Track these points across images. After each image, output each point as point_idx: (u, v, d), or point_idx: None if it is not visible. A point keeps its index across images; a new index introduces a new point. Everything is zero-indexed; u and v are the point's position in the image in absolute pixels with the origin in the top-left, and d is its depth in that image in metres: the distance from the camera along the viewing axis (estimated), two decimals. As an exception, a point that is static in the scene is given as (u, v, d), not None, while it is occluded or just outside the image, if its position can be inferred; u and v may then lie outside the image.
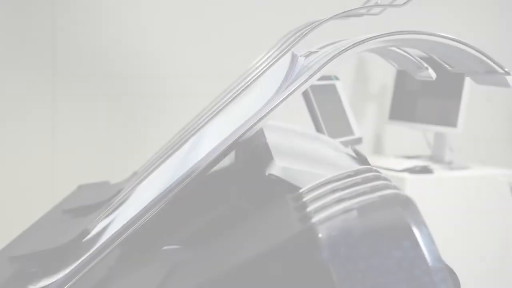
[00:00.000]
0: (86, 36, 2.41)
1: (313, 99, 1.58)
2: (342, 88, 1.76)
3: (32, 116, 2.37)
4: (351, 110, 1.74)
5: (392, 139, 3.01)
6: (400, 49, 1.24)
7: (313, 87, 1.61)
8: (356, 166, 0.82)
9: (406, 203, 0.62)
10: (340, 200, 0.66)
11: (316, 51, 1.10)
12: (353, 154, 1.25)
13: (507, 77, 0.90)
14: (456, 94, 2.56)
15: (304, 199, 0.71)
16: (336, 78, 1.76)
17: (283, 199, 0.77)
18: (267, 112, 0.84)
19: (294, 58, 0.86)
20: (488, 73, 0.93)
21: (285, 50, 0.92)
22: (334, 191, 0.70)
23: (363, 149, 2.95)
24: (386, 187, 0.66)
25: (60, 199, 1.39)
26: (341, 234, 0.62)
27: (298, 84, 0.83)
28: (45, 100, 2.36)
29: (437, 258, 0.62)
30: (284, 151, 0.99)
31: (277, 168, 0.85)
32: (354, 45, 0.85)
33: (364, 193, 0.65)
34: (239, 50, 2.52)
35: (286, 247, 0.63)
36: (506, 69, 0.87)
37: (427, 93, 2.71)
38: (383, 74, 2.92)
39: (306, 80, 0.83)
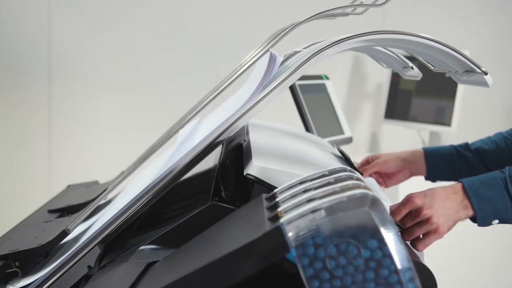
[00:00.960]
0: (82, 37, 2.41)
1: (302, 98, 1.57)
2: (333, 87, 1.75)
3: (28, 115, 2.37)
4: (341, 109, 1.73)
5: (388, 138, 3.01)
6: (386, 49, 1.24)
7: (302, 86, 1.61)
8: (335, 165, 0.82)
9: (374, 204, 0.62)
10: (310, 200, 0.66)
11: (300, 51, 1.11)
12: (338, 154, 1.26)
13: (486, 77, 0.90)
14: (451, 94, 2.55)
15: (277, 199, 0.72)
16: (326, 78, 1.75)
17: (259, 199, 0.77)
18: (242, 114, 0.84)
19: (272, 58, 0.86)
20: (468, 73, 0.94)
21: (264, 50, 0.92)
22: (306, 190, 0.70)
23: (359, 148, 2.96)
24: (356, 187, 0.66)
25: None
26: (309, 234, 0.62)
27: (274, 85, 0.83)
28: (41, 99, 2.37)
29: (405, 257, 0.62)
30: (266, 151, 0.99)
31: (255, 168, 0.86)
32: (331, 45, 0.85)
33: (334, 192, 0.65)
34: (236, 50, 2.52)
35: (256, 246, 0.63)
36: (483, 69, 0.88)
37: (422, 93, 2.71)
38: (379, 74, 2.92)
39: (282, 82, 0.83)
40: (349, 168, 0.76)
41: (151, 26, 2.50)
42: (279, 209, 0.67)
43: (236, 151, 1.09)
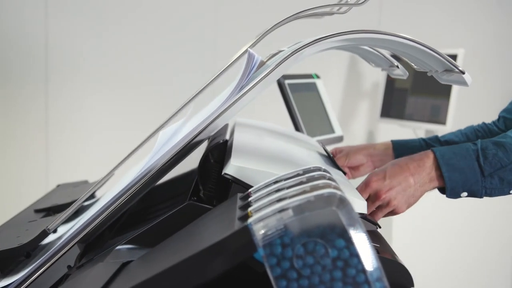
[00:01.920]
0: (79, 35, 2.42)
1: (291, 97, 1.57)
2: (324, 86, 1.75)
3: (25, 114, 2.38)
4: (332, 108, 1.73)
5: (384, 136, 3.00)
6: (372, 48, 1.24)
7: (292, 85, 1.60)
8: (312, 164, 0.82)
9: (341, 203, 0.62)
10: (280, 199, 0.66)
11: (284, 50, 1.11)
12: (324, 153, 1.26)
13: (464, 76, 0.90)
14: (446, 92, 2.55)
15: (250, 198, 0.72)
16: (317, 76, 1.75)
17: (234, 198, 0.77)
18: (219, 114, 0.84)
19: (250, 58, 0.86)
20: (447, 72, 0.94)
21: (244, 50, 0.92)
22: (278, 190, 0.71)
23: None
24: (326, 186, 0.66)
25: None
26: (276, 233, 0.62)
27: (251, 86, 0.83)
28: (38, 98, 2.38)
29: (373, 257, 0.62)
30: (247, 151, 1.00)
31: (232, 167, 0.86)
32: (307, 45, 0.85)
33: (303, 192, 0.66)
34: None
35: (224, 245, 0.63)
36: (460, 68, 0.87)
37: (417, 91, 2.70)
38: (375, 73, 2.92)
39: (259, 82, 0.83)
40: (323, 167, 0.76)
41: (149, 25, 2.50)
42: (250, 209, 0.67)
43: (221, 150, 1.09)
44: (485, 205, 2.38)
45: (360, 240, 0.62)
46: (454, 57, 2.50)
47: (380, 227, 0.90)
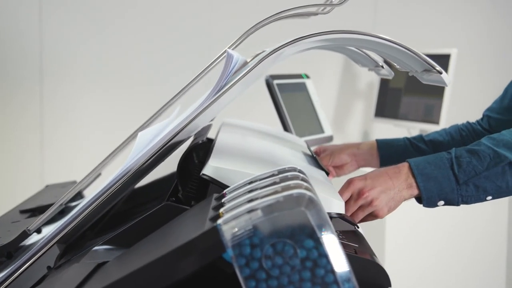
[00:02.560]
0: (74, 35, 2.42)
1: (280, 97, 1.57)
2: (313, 86, 1.75)
3: (20, 114, 2.38)
4: (322, 108, 1.73)
5: (378, 136, 3.00)
6: (358, 49, 1.24)
7: (280, 85, 1.61)
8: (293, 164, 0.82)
9: (310, 203, 0.62)
10: (251, 200, 0.66)
11: (266, 50, 1.11)
12: (309, 153, 1.26)
13: (443, 76, 0.90)
14: (439, 92, 2.55)
15: (224, 199, 0.72)
16: (307, 76, 1.75)
17: (209, 199, 0.77)
18: (196, 115, 0.84)
19: (229, 59, 0.86)
20: (427, 72, 0.94)
21: (223, 51, 0.92)
22: (252, 190, 0.71)
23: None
24: (297, 186, 0.66)
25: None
26: (245, 234, 0.62)
27: (228, 86, 0.83)
28: (33, 98, 2.38)
29: (342, 257, 0.62)
30: (228, 151, 1.00)
31: (210, 168, 0.86)
32: (285, 44, 0.85)
33: (275, 192, 0.66)
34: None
35: (193, 245, 0.63)
36: (437, 68, 0.88)
37: (411, 91, 2.71)
38: (370, 72, 2.91)
39: (236, 83, 0.83)
40: (298, 168, 0.76)
41: (144, 25, 2.50)
42: (222, 209, 0.67)
43: (206, 151, 1.09)
44: (480, 206, 2.38)
45: (329, 240, 0.62)
46: (447, 57, 2.50)
47: (358, 227, 0.90)
